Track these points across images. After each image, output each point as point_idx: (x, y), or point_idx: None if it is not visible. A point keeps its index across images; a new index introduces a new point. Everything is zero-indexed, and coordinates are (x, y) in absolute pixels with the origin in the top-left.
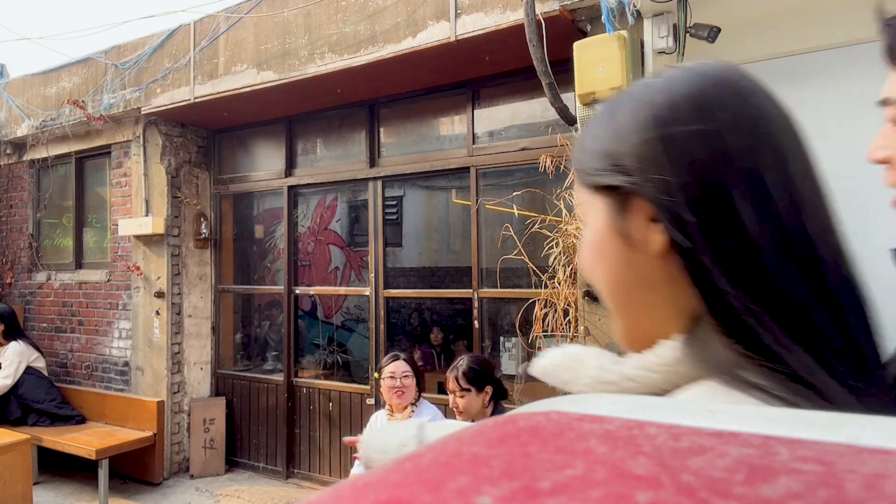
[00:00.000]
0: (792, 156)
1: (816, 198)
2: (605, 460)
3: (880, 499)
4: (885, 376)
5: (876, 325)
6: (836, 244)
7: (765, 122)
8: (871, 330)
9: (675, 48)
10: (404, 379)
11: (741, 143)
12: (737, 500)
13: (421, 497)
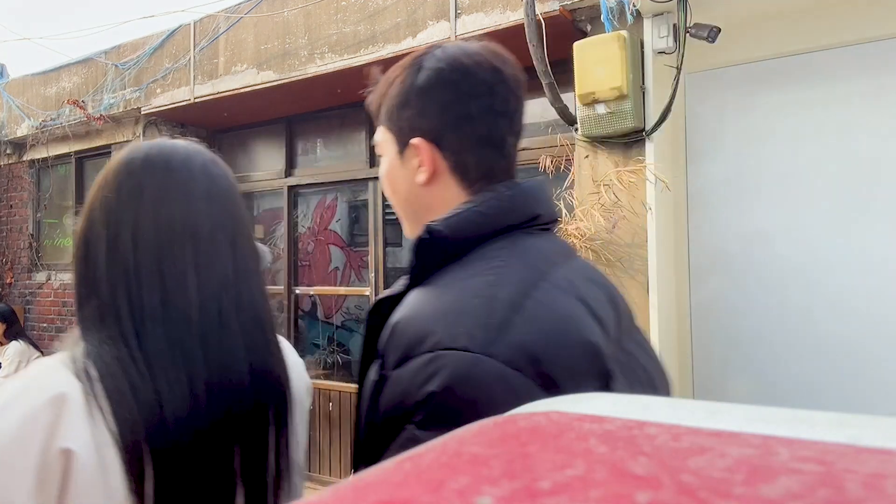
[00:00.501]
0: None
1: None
2: (605, 460)
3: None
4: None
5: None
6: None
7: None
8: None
9: (675, 48)
10: None
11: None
12: (737, 500)
13: (421, 497)
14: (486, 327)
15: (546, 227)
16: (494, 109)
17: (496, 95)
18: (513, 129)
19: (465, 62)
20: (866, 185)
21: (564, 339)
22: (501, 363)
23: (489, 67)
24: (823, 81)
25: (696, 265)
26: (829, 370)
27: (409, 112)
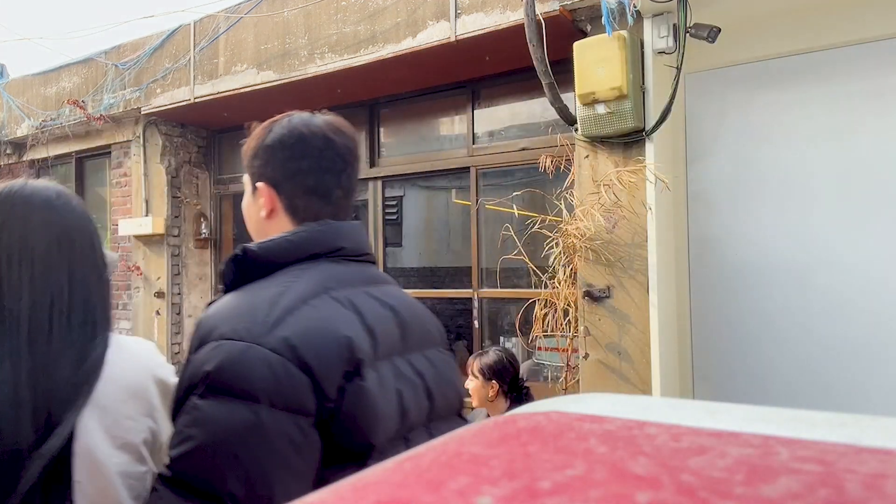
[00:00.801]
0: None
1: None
2: (605, 460)
3: (880, 499)
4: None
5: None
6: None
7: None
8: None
9: (675, 48)
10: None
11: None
12: (737, 500)
13: (421, 497)
14: (262, 324)
15: (357, 258)
16: (322, 168)
17: (324, 158)
18: (340, 184)
19: (302, 131)
20: (866, 185)
21: (320, 334)
22: (268, 350)
23: (322, 136)
24: (823, 81)
25: (696, 265)
26: (829, 370)
27: (258, 162)
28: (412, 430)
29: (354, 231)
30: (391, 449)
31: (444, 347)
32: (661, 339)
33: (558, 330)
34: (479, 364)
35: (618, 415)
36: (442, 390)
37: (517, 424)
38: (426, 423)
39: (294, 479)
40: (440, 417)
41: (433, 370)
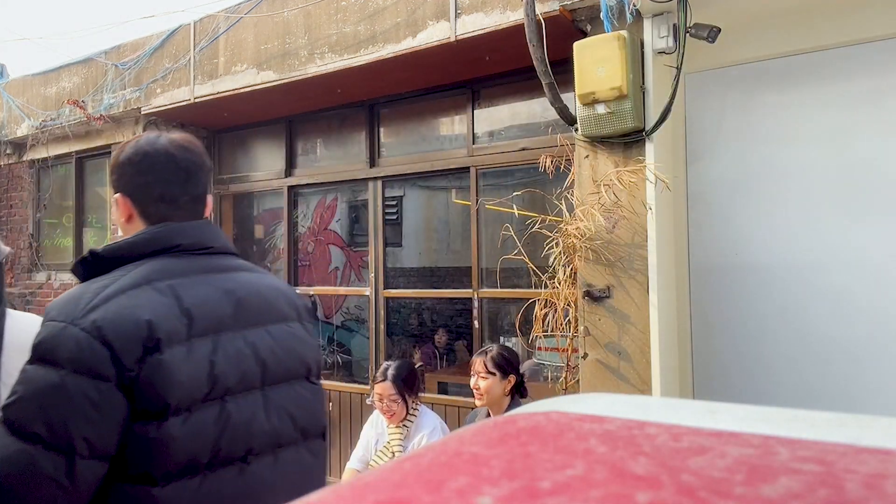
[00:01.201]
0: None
1: None
2: (605, 460)
3: (880, 499)
4: None
5: None
6: None
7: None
8: None
9: (675, 48)
10: (391, 403)
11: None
12: (737, 500)
13: (421, 497)
14: (81, 310)
15: (198, 252)
16: (166, 179)
17: (167, 171)
18: (186, 191)
19: (146, 149)
20: (866, 185)
21: (123, 318)
22: (79, 329)
23: (164, 153)
24: (823, 81)
25: (696, 265)
26: (829, 370)
27: (115, 177)
28: (230, 394)
29: (195, 229)
30: (199, 409)
31: (303, 321)
32: (661, 339)
33: (558, 330)
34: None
35: (618, 415)
36: (279, 359)
37: (517, 424)
38: (260, 387)
39: (91, 426)
40: (277, 382)
41: (271, 341)
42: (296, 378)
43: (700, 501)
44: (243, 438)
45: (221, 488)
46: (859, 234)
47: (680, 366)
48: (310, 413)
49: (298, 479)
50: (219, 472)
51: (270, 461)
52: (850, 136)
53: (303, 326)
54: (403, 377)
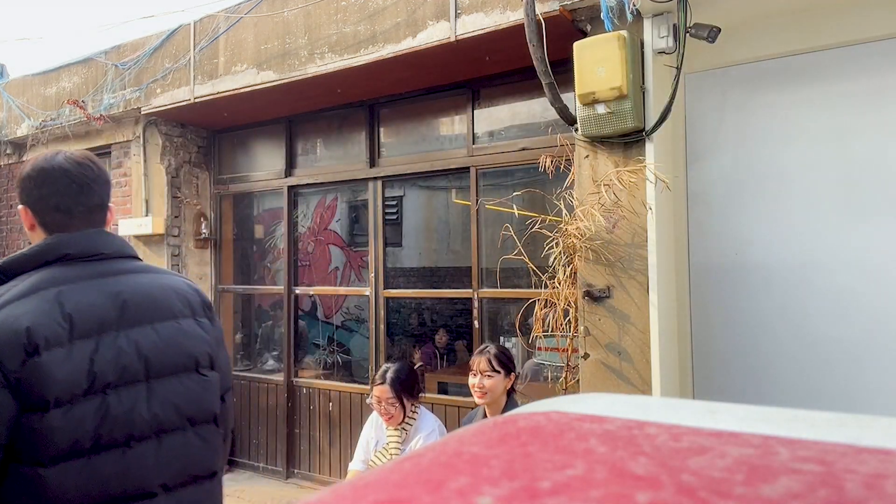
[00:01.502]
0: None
1: None
2: (605, 460)
3: (880, 499)
4: None
5: None
6: None
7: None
8: None
9: (675, 48)
10: (389, 406)
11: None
12: (737, 500)
13: (421, 497)
14: None
15: (87, 258)
16: (60, 192)
17: (62, 185)
18: (80, 203)
19: (43, 166)
20: (866, 185)
21: (5, 327)
22: None
23: (59, 168)
24: (823, 81)
25: (696, 265)
26: (829, 369)
27: (18, 190)
28: (111, 387)
29: (85, 238)
30: (80, 402)
31: (197, 317)
32: (661, 339)
33: (558, 330)
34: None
35: (618, 415)
36: (163, 354)
37: (517, 424)
38: (144, 380)
39: None
40: (162, 375)
41: (156, 338)
42: (183, 371)
43: (700, 501)
44: (124, 426)
45: (105, 468)
46: (859, 234)
47: (680, 366)
48: (196, 402)
49: (184, 461)
50: (102, 454)
51: (154, 445)
52: (850, 136)
53: (196, 322)
54: (402, 380)
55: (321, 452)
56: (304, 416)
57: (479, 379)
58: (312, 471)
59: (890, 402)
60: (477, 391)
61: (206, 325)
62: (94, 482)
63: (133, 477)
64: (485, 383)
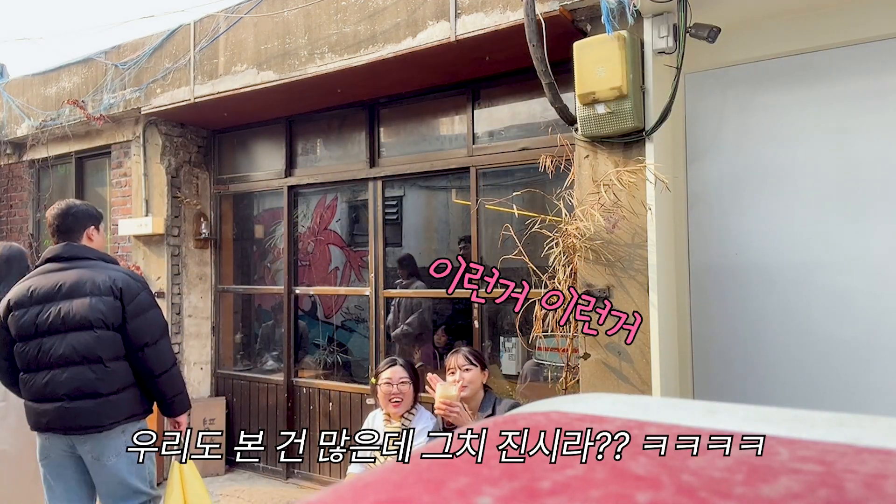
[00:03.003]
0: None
1: None
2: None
3: (880, 499)
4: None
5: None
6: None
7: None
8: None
9: (675, 48)
10: (401, 385)
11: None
12: (737, 500)
13: (421, 497)
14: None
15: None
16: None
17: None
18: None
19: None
20: (866, 185)
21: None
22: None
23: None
24: (823, 81)
25: (696, 265)
26: (828, 370)
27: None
28: (48, 335)
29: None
30: (29, 340)
31: (102, 296)
32: (661, 339)
33: (558, 330)
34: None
35: (618, 415)
36: (74, 317)
37: (517, 424)
38: (63, 332)
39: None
40: (72, 329)
41: (70, 307)
42: (84, 328)
43: (700, 501)
44: (49, 356)
45: (39, 381)
46: (859, 234)
47: (680, 366)
48: (88, 347)
49: (79, 382)
50: (40, 372)
51: (63, 371)
52: (851, 135)
53: (99, 299)
54: (412, 367)
55: (321, 452)
56: (304, 416)
57: (459, 374)
58: (312, 471)
59: (891, 402)
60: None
61: (108, 301)
62: (36, 388)
63: (53, 387)
64: (465, 376)
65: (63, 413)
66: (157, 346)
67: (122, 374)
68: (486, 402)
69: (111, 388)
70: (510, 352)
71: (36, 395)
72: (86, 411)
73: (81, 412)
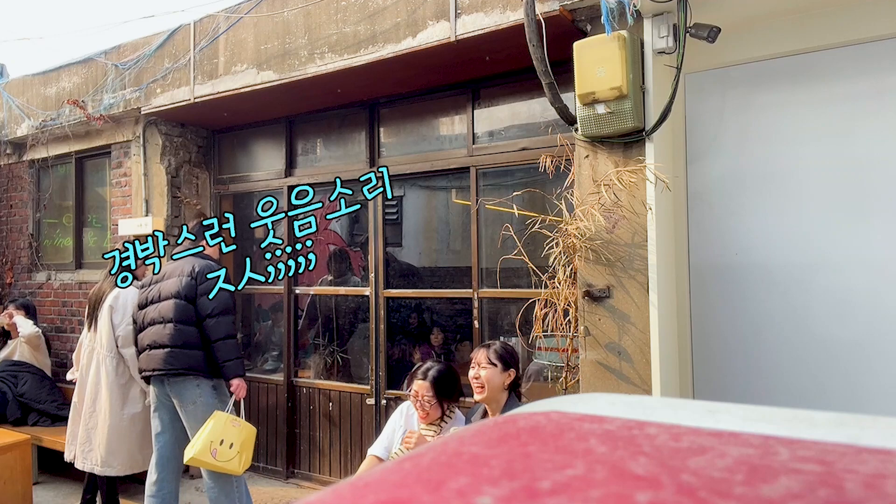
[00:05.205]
0: None
1: None
2: (605, 460)
3: (880, 499)
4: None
5: None
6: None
7: None
8: None
9: (675, 48)
10: (426, 404)
11: None
12: (737, 500)
13: (421, 497)
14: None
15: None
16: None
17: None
18: (187, 238)
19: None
20: (866, 185)
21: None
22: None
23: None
24: (823, 81)
25: (696, 265)
26: (828, 370)
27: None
28: (150, 304)
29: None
30: (142, 310)
31: (189, 276)
32: (661, 339)
33: (558, 330)
34: (496, 352)
35: (618, 415)
36: (164, 291)
37: (517, 424)
38: (157, 302)
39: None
40: (163, 300)
41: (166, 284)
42: (167, 299)
43: (700, 501)
44: (148, 320)
45: (146, 336)
46: (860, 234)
47: (680, 366)
48: (166, 312)
49: (156, 335)
50: (145, 329)
51: (151, 327)
52: (850, 136)
53: (181, 279)
54: (443, 381)
55: (321, 452)
56: (304, 416)
57: (476, 370)
58: (312, 471)
59: (890, 402)
60: (475, 383)
61: (186, 280)
62: (139, 344)
63: (144, 341)
64: (481, 374)
65: (148, 359)
66: (217, 318)
67: (187, 335)
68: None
69: (176, 342)
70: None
71: (139, 349)
72: (157, 357)
73: (155, 358)
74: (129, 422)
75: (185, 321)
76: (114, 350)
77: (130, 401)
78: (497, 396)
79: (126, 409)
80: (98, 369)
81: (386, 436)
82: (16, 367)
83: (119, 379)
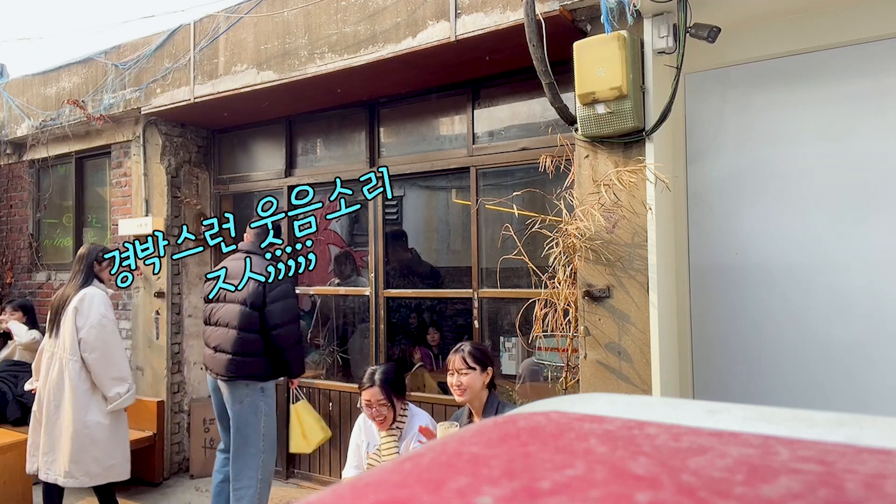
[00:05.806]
0: None
1: None
2: (605, 460)
3: (880, 499)
4: None
5: None
6: None
7: None
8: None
9: (675, 48)
10: (380, 408)
11: None
12: (737, 500)
13: (421, 497)
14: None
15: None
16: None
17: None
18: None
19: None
20: (866, 185)
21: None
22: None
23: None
24: (823, 81)
25: (696, 265)
26: (828, 370)
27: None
28: (219, 302)
29: (243, 244)
30: (210, 304)
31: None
32: (661, 339)
33: (558, 330)
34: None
35: (618, 415)
36: (234, 295)
37: (517, 424)
38: (224, 302)
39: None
40: (230, 302)
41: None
42: (233, 302)
43: (700, 501)
44: (215, 318)
45: (211, 335)
46: (860, 234)
47: (680, 366)
48: (231, 317)
49: (220, 340)
50: (209, 328)
51: (216, 328)
52: (851, 136)
53: (257, 286)
54: (391, 380)
55: (321, 452)
56: None
57: (457, 377)
58: (312, 471)
59: (890, 402)
60: (456, 389)
61: (253, 286)
62: (205, 339)
63: (210, 340)
64: (462, 380)
65: (213, 361)
66: (286, 327)
67: (249, 343)
68: (490, 404)
69: (237, 350)
70: (510, 352)
71: (205, 343)
72: (221, 362)
73: (216, 361)
74: (92, 430)
75: (248, 329)
76: (77, 354)
77: (94, 408)
78: (479, 396)
79: (90, 416)
80: (61, 374)
81: (353, 455)
82: (16, 367)
83: (82, 384)
